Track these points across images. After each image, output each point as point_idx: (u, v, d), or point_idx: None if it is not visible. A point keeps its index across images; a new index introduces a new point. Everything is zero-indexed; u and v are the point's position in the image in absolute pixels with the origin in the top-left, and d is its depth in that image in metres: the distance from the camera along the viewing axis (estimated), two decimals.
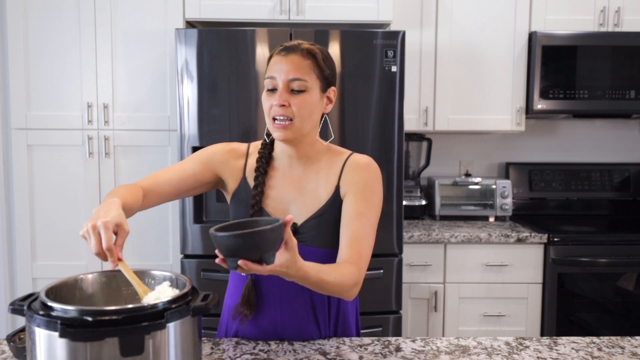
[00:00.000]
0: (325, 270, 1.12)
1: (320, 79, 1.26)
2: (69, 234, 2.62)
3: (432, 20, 2.81)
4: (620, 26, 2.82)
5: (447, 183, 3.00)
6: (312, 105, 1.25)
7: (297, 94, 1.23)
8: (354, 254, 1.21)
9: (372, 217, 1.27)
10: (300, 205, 1.30)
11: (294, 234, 1.28)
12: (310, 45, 1.26)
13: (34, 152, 2.60)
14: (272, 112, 1.24)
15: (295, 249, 1.02)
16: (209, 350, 1.24)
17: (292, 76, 1.22)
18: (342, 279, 1.15)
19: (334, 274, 1.14)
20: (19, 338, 1.14)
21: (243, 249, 0.95)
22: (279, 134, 1.24)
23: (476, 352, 1.24)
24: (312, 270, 1.09)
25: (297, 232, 1.28)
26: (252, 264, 0.97)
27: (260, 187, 1.30)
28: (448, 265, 2.65)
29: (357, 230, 1.24)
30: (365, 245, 1.24)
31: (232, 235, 0.94)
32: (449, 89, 2.85)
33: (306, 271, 1.06)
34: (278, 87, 1.23)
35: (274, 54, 1.27)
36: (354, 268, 1.19)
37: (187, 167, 1.33)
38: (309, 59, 1.24)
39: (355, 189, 1.28)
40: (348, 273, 1.17)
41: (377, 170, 1.32)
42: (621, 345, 1.29)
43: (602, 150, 3.27)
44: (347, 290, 1.17)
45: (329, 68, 1.28)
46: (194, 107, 2.35)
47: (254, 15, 2.54)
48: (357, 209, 1.26)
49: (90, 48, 2.56)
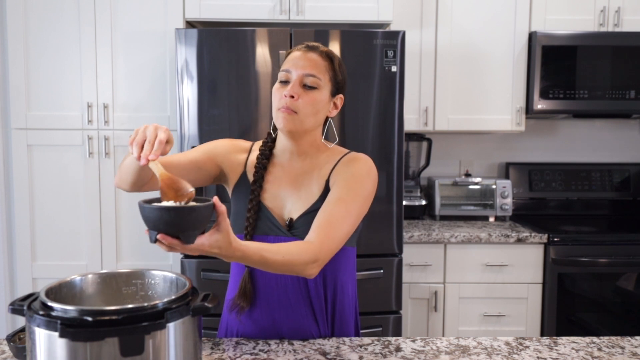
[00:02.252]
0: (270, 249, 1.10)
1: (332, 82, 1.30)
2: (69, 234, 2.62)
3: (432, 20, 2.81)
4: (620, 26, 2.82)
5: (447, 183, 3.00)
6: (320, 104, 1.28)
7: (308, 90, 1.26)
8: (320, 233, 1.18)
9: (353, 206, 1.24)
10: (296, 200, 1.32)
11: (289, 229, 1.30)
12: (330, 50, 1.33)
13: (34, 152, 2.60)
14: (280, 102, 1.26)
15: (228, 230, 1.00)
16: (209, 350, 1.24)
17: (308, 71, 1.26)
18: (292, 256, 1.12)
19: (282, 251, 1.11)
20: (19, 338, 1.14)
21: (161, 223, 0.94)
22: (283, 123, 1.26)
23: (476, 352, 1.24)
24: (253, 249, 1.07)
25: (292, 226, 1.29)
26: (172, 239, 0.95)
27: (259, 182, 1.32)
28: (448, 265, 2.65)
29: (332, 213, 1.21)
30: (337, 229, 1.20)
31: (151, 208, 0.94)
32: (449, 89, 2.85)
33: (244, 251, 1.05)
34: (291, 79, 1.27)
35: (294, 49, 1.31)
36: (310, 245, 1.15)
37: (191, 155, 1.34)
38: (327, 60, 1.30)
39: (340, 178, 1.28)
40: (301, 250, 1.13)
41: (368, 165, 1.32)
42: (621, 345, 1.29)
43: (602, 150, 3.27)
44: (302, 268, 1.14)
45: (342, 75, 1.33)
46: (194, 107, 2.35)
47: (254, 15, 2.54)
48: (337, 194, 1.24)
49: (90, 48, 2.56)
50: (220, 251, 1.01)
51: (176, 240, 0.95)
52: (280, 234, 1.29)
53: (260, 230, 1.30)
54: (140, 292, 1.10)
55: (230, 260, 1.06)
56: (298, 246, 1.14)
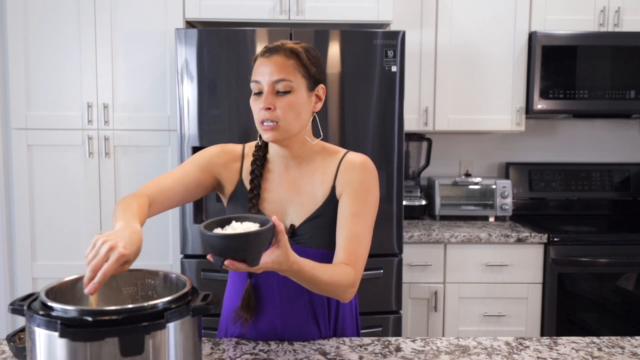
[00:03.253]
0: (319, 268, 1.12)
1: (306, 77, 1.24)
2: (69, 234, 2.62)
3: (432, 20, 2.81)
4: (620, 26, 2.82)
5: (447, 183, 3.00)
6: (299, 106, 1.24)
7: (282, 96, 1.22)
8: (350, 255, 1.21)
9: (368, 218, 1.27)
10: (297, 206, 1.29)
11: (291, 236, 1.28)
12: (294, 45, 1.24)
13: (34, 152, 2.60)
14: (259, 115, 1.23)
15: (287, 245, 1.04)
16: (209, 350, 1.24)
17: (275, 77, 1.21)
18: (338, 277, 1.15)
19: (329, 272, 1.14)
20: (19, 338, 1.14)
21: (229, 250, 0.97)
22: (267, 135, 1.24)
23: (476, 352, 1.24)
24: (307, 265, 1.10)
25: (294, 233, 1.28)
26: (239, 264, 0.98)
27: (256, 189, 1.29)
28: (448, 265, 2.65)
29: (353, 231, 1.23)
30: (361, 247, 1.23)
31: (218, 236, 0.96)
32: (449, 89, 2.85)
33: (300, 265, 1.08)
34: (263, 90, 1.23)
35: (258, 56, 1.26)
36: (350, 269, 1.19)
37: (188, 172, 1.31)
38: (293, 58, 1.23)
39: (350, 189, 1.27)
40: (343, 273, 1.17)
41: (372, 169, 1.32)
42: (621, 345, 1.29)
43: (602, 150, 3.27)
44: (343, 290, 1.17)
45: (314, 66, 1.26)
46: (194, 107, 2.35)
47: (254, 15, 2.54)
48: (352, 209, 1.25)
49: (90, 48, 2.56)
50: (280, 266, 1.04)
51: (243, 264, 0.98)
52: None
53: None
54: (140, 292, 1.10)
55: (284, 274, 1.08)
56: (341, 269, 1.18)
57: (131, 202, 1.16)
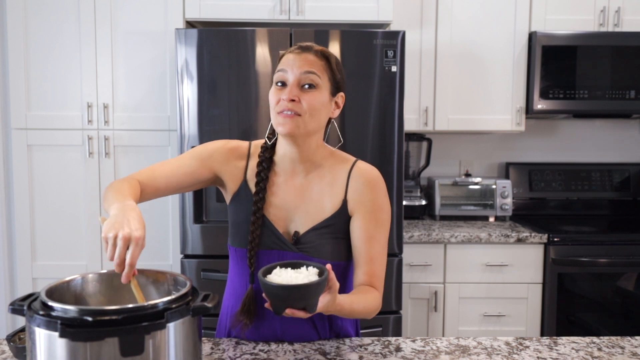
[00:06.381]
0: (355, 301, 1.19)
1: (331, 81, 1.25)
2: (69, 234, 2.62)
3: (432, 20, 2.81)
4: (620, 26, 2.82)
5: (447, 183, 3.00)
6: (322, 103, 1.23)
7: (307, 91, 1.21)
8: (372, 278, 1.27)
9: (383, 237, 1.30)
10: (303, 213, 1.28)
11: (295, 243, 1.26)
12: (325, 49, 1.27)
13: (34, 152, 2.60)
14: (279, 106, 1.21)
15: (336, 290, 1.10)
16: (209, 350, 1.24)
17: (306, 69, 1.21)
18: (369, 305, 1.23)
19: (363, 303, 1.21)
20: (19, 338, 1.14)
21: (291, 300, 1.03)
22: (284, 127, 1.20)
23: (476, 352, 1.24)
24: (346, 303, 1.16)
25: (298, 241, 1.26)
26: (299, 312, 1.05)
27: (261, 193, 1.27)
28: (448, 265, 2.65)
29: (370, 254, 1.27)
30: (380, 266, 1.29)
31: (281, 287, 1.02)
32: (449, 89, 2.85)
33: (342, 306, 1.14)
34: (288, 81, 1.21)
35: (287, 52, 1.26)
36: (376, 293, 1.26)
37: (185, 163, 1.30)
38: (323, 60, 1.24)
39: (364, 209, 1.27)
40: (374, 299, 1.25)
41: (382, 185, 1.31)
42: (621, 345, 1.29)
43: (602, 150, 3.27)
44: (373, 312, 1.26)
45: (340, 73, 1.28)
46: (194, 107, 2.35)
47: (254, 15, 2.54)
48: (368, 233, 1.27)
49: (90, 48, 2.56)
50: (328, 309, 1.10)
51: (302, 311, 1.05)
52: (286, 249, 1.26)
53: (265, 245, 1.26)
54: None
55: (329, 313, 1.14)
56: (370, 295, 1.25)
57: (122, 185, 1.18)
